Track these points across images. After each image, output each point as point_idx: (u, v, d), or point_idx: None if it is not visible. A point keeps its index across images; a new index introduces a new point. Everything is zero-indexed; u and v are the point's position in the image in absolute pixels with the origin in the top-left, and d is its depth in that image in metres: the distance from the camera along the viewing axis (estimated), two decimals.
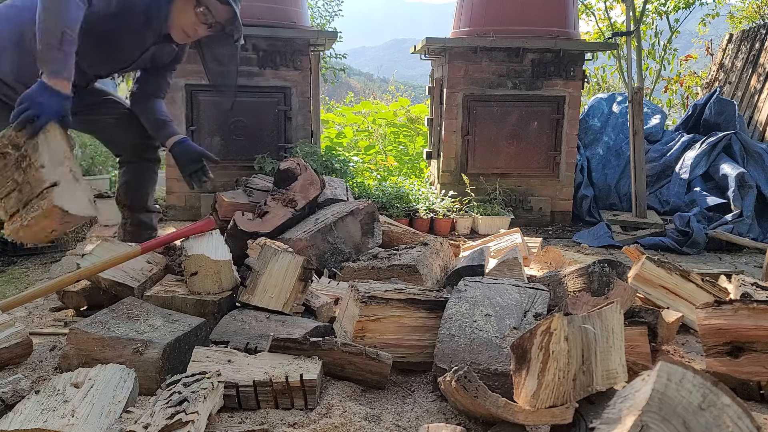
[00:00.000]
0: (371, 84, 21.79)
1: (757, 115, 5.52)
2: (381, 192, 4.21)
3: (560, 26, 4.40)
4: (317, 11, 7.67)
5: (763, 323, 1.82)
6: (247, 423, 1.60)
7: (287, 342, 1.78)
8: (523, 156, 4.48)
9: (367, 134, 7.12)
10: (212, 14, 2.37)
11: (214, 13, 2.36)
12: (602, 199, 4.84)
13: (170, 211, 4.27)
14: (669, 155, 4.88)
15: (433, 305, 1.97)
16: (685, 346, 2.27)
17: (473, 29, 4.45)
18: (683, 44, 9.95)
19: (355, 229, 2.86)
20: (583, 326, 1.39)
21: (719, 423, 1.00)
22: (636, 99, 4.20)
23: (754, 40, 6.02)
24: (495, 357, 1.70)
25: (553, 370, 1.36)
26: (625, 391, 1.12)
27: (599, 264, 2.31)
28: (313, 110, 4.48)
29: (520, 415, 1.40)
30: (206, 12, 2.36)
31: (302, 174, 3.05)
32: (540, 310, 1.93)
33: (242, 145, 4.24)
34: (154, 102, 2.74)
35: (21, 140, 1.93)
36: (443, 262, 2.76)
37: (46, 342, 2.12)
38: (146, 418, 1.38)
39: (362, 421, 1.60)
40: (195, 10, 2.35)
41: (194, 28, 2.42)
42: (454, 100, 4.40)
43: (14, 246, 3.40)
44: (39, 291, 2.07)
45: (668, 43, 7.54)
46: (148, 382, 1.69)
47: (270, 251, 2.18)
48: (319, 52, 4.54)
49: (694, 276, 2.47)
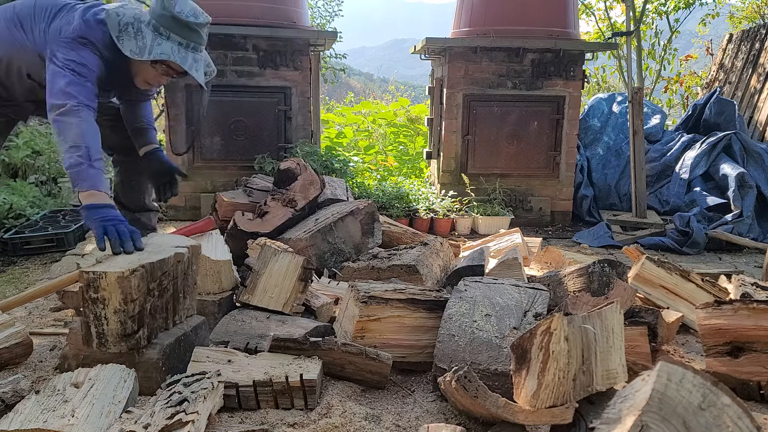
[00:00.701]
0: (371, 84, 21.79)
1: (757, 115, 5.52)
2: (381, 192, 4.21)
3: (560, 26, 4.40)
4: (317, 11, 7.67)
5: (763, 323, 1.82)
6: (247, 423, 1.60)
7: (287, 342, 1.78)
8: (523, 156, 4.48)
9: (367, 134, 7.12)
10: (171, 68, 2.34)
11: (174, 67, 2.33)
12: (602, 199, 4.84)
13: (170, 211, 4.27)
14: (669, 155, 4.88)
15: (433, 305, 1.97)
16: (685, 346, 2.26)
17: (473, 29, 4.45)
18: (683, 44, 9.95)
19: (355, 229, 2.86)
20: (583, 326, 1.39)
21: (719, 423, 1.00)
22: (636, 99, 4.20)
23: (754, 40, 6.02)
24: (495, 357, 1.70)
25: (553, 370, 1.36)
26: (625, 391, 1.12)
27: (599, 264, 2.31)
28: (313, 110, 4.48)
29: (520, 415, 1.40)
30: (165, 67, 2.33)
31: (302, 174, 3.05)
32: (540, 310, 1.93)
33: (242, 145, 4.24)
34: (138, 105, 2.71)
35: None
36: (443, 262, 2.76)
37: (46, 342, 2.12)
38: (146, 418, 1.38)
39: (362, 421, 1.60)
40: (152, 67, 2.32)
41: (156, 79, 2.40)
42: (454, 100, 4.40)
43: (14, 246, 3.41)
44: (39, 291, 2.07)
45: (668, 43, 7.54)
46: (148, 382, 1.69)
47: (270, 251, 2.18)
48: (319, 52, 4.54)
49: (694, 276, 2.47)
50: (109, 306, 1.63)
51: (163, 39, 2.22)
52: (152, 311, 1.73)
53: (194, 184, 4.25)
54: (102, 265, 1.70)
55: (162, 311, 1.78)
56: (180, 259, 1.81)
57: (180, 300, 1.85)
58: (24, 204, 3.92)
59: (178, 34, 2.24)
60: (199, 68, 2.33)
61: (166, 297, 1.78)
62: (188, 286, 1.89)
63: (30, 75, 2.34)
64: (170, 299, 1.81)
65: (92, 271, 1.63)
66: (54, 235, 3.47)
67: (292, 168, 3.10)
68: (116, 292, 1.62)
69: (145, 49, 2.20)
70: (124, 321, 1.65)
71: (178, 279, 1.82)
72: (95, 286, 1.62)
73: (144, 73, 2.37)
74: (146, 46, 2.20)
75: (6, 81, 2.38)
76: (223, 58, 4.13)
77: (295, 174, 3.07)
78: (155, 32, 2.22)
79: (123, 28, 2.21)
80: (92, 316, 1.65)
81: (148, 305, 1.70)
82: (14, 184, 4.23)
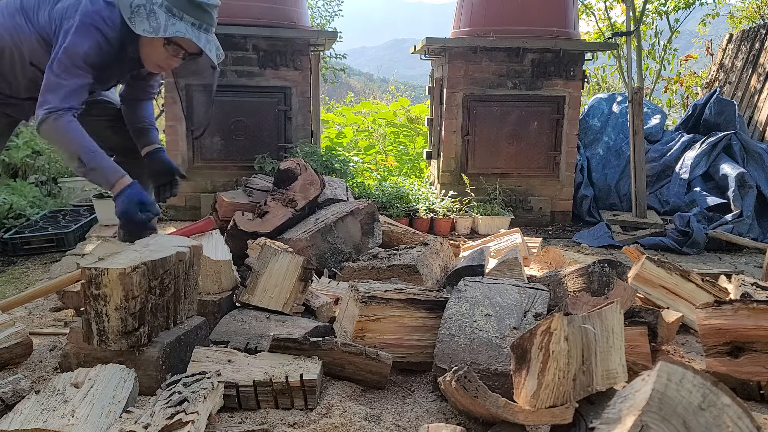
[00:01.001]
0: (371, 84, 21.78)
1: (757, 115, 5.52)
2: (381, 192, 4.21)
3: (560, 26, 4.40)
4: (317, 11, 7.67)
5: (763, 323, 1.82)
6: (247, 423, 1.60)
7: (287, 342, 1.78)
8: (523, 156, 4.48)
9: (367, 134, 7.12)
10: (183, 48, 2.34)
11: (185, 47, 2.34)
12: (602, 199, 4.84)
13: (170, 211, 4.27)
14: (669, 155, 4.88)
15: (433, 305, 1.97)
16: (685, 346, 2.26)
17: (473, 29, 4.45)
18: (683, 44, 9.95)
19: (355, 229, 2.86)
20: (583, 326, 1.39)
21: (719, 423, 1.00)
22: (636, 99, 4.20)
23: (754, 40, 6.02)
24: (495, 357, 1.70)
25: (553, 370, 1.36)
26: (625, 391, 1.12)
27: (599, 264, 2.31)
28: (313, 110, 4.49)
29: (520, 415, 1.40)
30: (176, 48, 2.34)
31: (302, 174, 3.05)
32: (540, 310, 1.93)
33: (242, 145, 4.24)
34: (140, 105, 2.72)
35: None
36: (443, 262, 2.76)
37: (46, 342, 2.12)
38: (146, 418, 1.38)
39: (362, 421, 1.60)
40: (164, 47, 2.33)
41: (167, 62, 2.40)
42: (454, 100, 4.40)
43: (14, 246, 3.41)
44: (39, 291, 2.07)
45: (668, 43, 7.54)
46: (148, 381, 1.69)
47: (270, 251, 2.18)
48: (319, 52, 4.55)
49: (694, 276, 2.47)
50: (111, 303, 1.64)
51: (176, 19, 2.24)
52: (153, 309, 1.73)
53: (194, 184, 4.25)
54: (104, 261, 1.70)
55: (163, 310, 1.78)
56: (181, 258, 1.81)
57: (181, 299, 1.85)
58: (24, 204, 3.92)
59: (191, 15, 2.27)
60: (212, 48, 2.36)
61: (167, 296, 1.78)
62: (189, 285, 1.89)
63: (32, 62, 2.34)
64: (171, 298, 1.81)
65: (94, 268, 1.63)
66: (54, 235, 3.47)
67: (292, 168, 3.10)
68: (118, 289, 1.63)
69: (159, 27, 2.22)
70: (125, 318, 1.65)
71: (179, 278, 1.82)
72: (97, 282, 1.63)
73: (155, 55, 2.37)
74: (160, 26, 2.22)
75: (9, 75, 2.38)
76: (223, 57, 4.12)
77: (295, 174, 3.07)
78: (168, 13, 2.24)
79: (135, 9, 2.22)
80: (93, 312, 1.66)
81: (150, 303, 1.70)
82: (14, 184, 4.23)
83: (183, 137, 4.17)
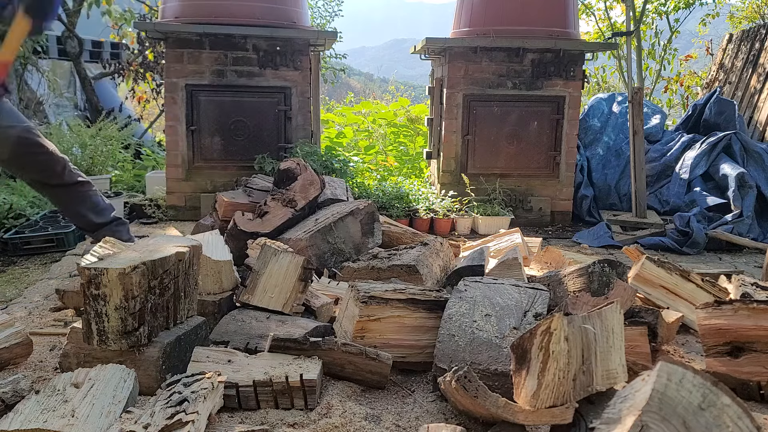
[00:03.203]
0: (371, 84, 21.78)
1: (757, 115, 5.52)
2: (381, 192, 4.21)
3: (560, 26, 4.40)
4: (317, 11, 7.67)
5: (763, 323, 1.82)
6: (247, 423, 1.60)
7: (287, 342, 1.78)
8: (523, 156, 4.48)
9: (367, 134, 7.12)
10: None
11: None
12: (602, 199, 4.84)
13: (170, 211, 4.27)
14: (669, 155, 4.88)
15: (433, 305, 1.97)
16: (685, 346, 2.26)
17: (473, 29, 4.45)
18: (683, 44, 9.94)
19: (355, 229, 2.86)
20: (583, 326, 1.39)
21: (719, 423, 1.00)
22: (636, 99, 4.20)
23: (754, 40, 6.02)
24: (495, 357, 1.70)
25: (553, 370, 1.36)
26: (625, 391, 1.12)
27: (599, 264, 2.31)
28: (313, 110, 4.49)
29: (520, 415, 1.40)
30: None
31: (302, 174, 3.05)
32: (540, 310, 1.93)
33: (242, 145, 4.24)
34: None
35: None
36: (443, 262, 2.76)
37: (46, 342, 2.12)
38: (146, 418, 1.38)
39: (362, 421, 1.60)
40: None
41: None
42: (454, 100, 4.40)
43: (14, 246, 3.41)
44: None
45: (668, 43, 7.54)
46: (148, 381, 1.69)
47: (270, 251, 2.18)
48: (319, 52, 4.55)
49: (694, 276, 2.46)
50: (110, 303, 1.64)
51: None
52: (153, 309, 1.73)
53: (194, 184, 4.25)
54: (103, 261, 1.70)
55: (163, 310, 1.78)
56: (181, 257, 1.82)
57: (181, 299, 1.85)
58: (24, 204, 3.92)
59: None
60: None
61: (167, 296, 1.78)
62: (189, 285, 1.89)
63: None
64: (171, 298, 1.81)
65: (94, 268, 1.63)
66: (54, 235, 3.47)
67: (292, 168, 3.10)
68: (117, 289, 1.63)
69: None
70: (124, 318, 1.65)
71: (179, 278, 1.82)
72: (96, 282, 1.63)
73: None
74: None
75: None
76: (223, 58, 4.13)
77: (295, 174, 3.07)
78: None
79: None
80: (93, 312, 1.66)
81: (149, 303, 1.70)
82: (14, 184, 4.23)
83: (183, 137, 4.17)
